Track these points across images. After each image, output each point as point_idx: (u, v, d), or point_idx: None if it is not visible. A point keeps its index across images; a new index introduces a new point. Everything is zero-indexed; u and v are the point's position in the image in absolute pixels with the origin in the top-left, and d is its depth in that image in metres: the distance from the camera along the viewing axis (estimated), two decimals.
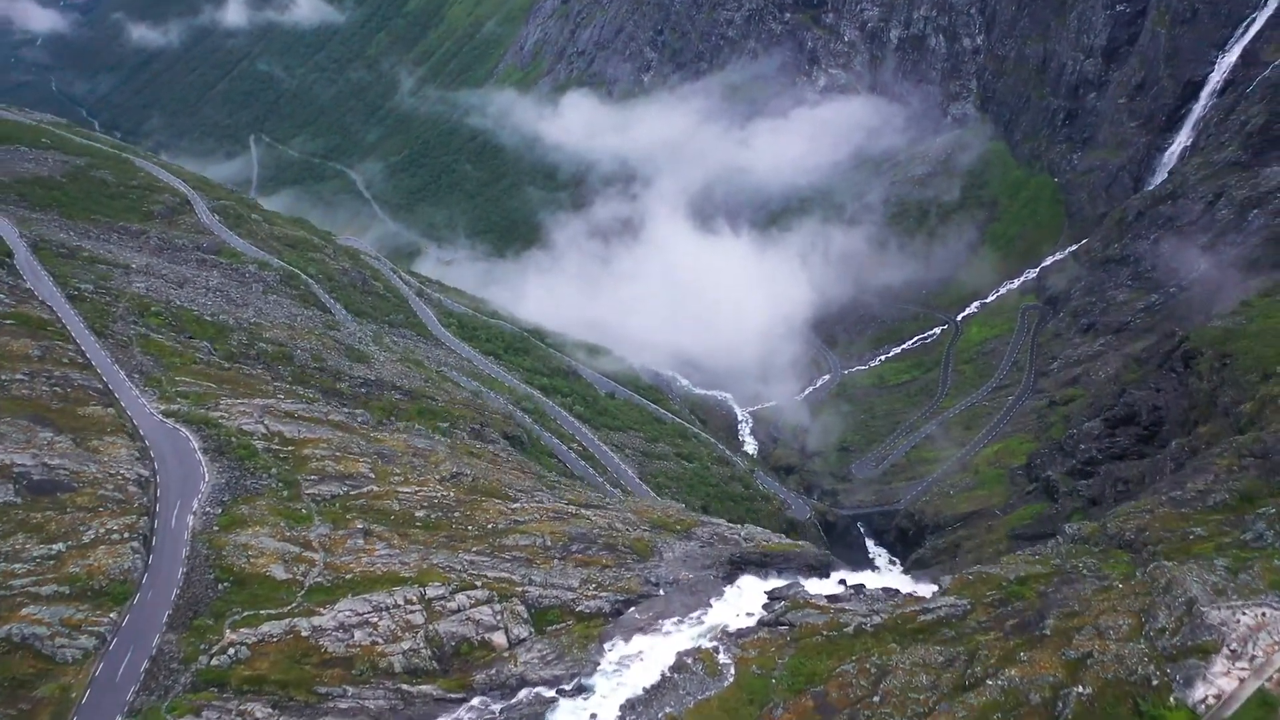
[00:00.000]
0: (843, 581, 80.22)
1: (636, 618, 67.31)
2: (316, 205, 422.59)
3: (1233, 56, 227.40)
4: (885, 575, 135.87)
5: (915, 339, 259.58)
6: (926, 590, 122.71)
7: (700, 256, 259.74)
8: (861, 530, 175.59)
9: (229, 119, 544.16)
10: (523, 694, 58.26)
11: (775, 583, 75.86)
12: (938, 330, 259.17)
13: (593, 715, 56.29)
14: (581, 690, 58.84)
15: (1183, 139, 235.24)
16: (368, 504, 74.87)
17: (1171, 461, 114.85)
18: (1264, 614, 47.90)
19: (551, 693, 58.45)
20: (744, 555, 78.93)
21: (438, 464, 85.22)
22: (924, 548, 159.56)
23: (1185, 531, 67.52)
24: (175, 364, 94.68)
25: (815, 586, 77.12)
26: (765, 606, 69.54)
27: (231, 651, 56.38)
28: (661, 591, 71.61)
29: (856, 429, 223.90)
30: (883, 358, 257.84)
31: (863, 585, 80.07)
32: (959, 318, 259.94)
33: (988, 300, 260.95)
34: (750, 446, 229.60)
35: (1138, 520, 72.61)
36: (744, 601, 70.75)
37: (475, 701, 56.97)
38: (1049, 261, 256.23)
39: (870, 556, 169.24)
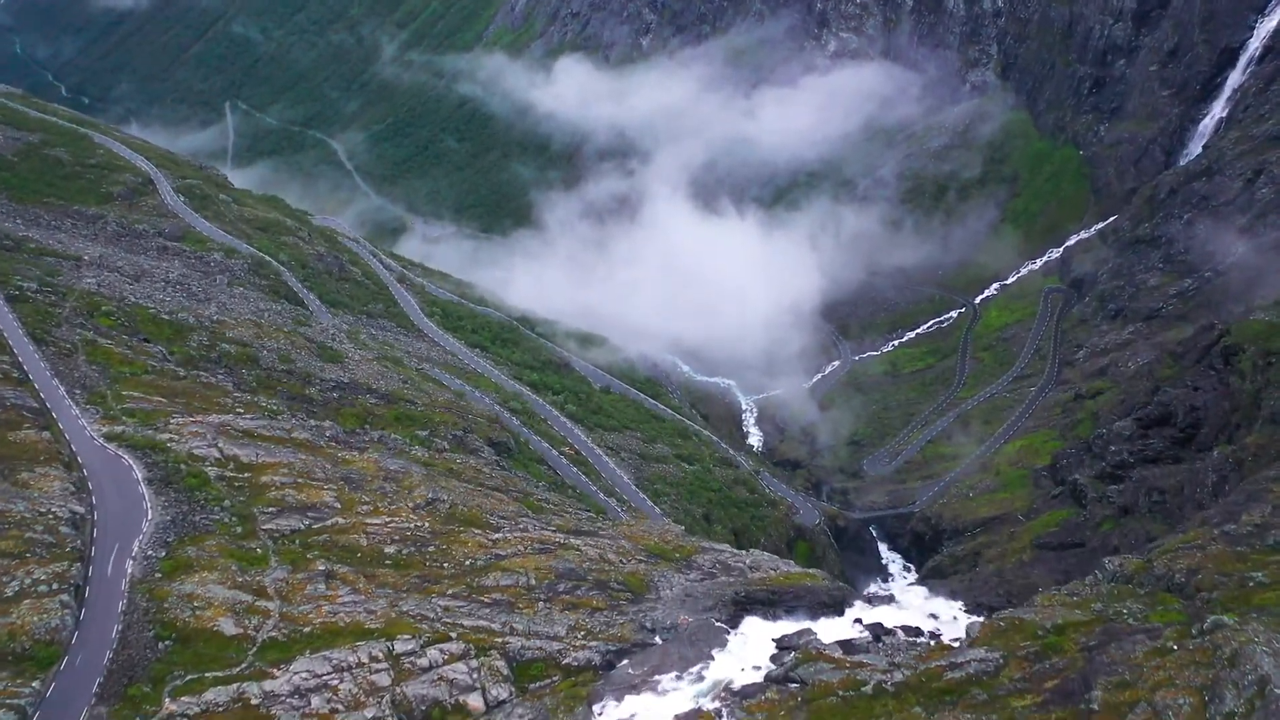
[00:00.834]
0: (858, 621, 75.99)
1: (630, 673, 62.87)
2: (295, 177, 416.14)
3: (1273, 21, 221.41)
4: (902, 591, 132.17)
5: (930, 323, 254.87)
6: (946, 609, 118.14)
7: (702, 239, 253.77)
8: (874, 534, 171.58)
9: (203, 84, 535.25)
10: None
11: (785, 626, 71.55)
12: (954, 313, 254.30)
13: None
14: None
15: (1218, 110, 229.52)
16: (331, 539, 70.31)
17: (1214, 473, 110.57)
18: None
19: None
20: (749, 593, 74.54)
21: (411, 489, 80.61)
22: (941, 554, 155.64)
23: (1243, 576, 63.00)
24: (123, 375, 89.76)
25: (828, 628, 72.80)
26: (773, 658, 65.09)
27: None
28: (658, 639, 67.22)
29: (868, 421, 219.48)
30: (895, 343, 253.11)
31: (881, 625, 75.85)
32: (977, 300, 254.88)
33: (1008, 282, 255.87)
34: (755, 438, 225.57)
35: (1188, 559, 68.14)
36: (750, 652, 66.31)
37: None
38: (1073, 241, 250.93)
39: (883, 563, 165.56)
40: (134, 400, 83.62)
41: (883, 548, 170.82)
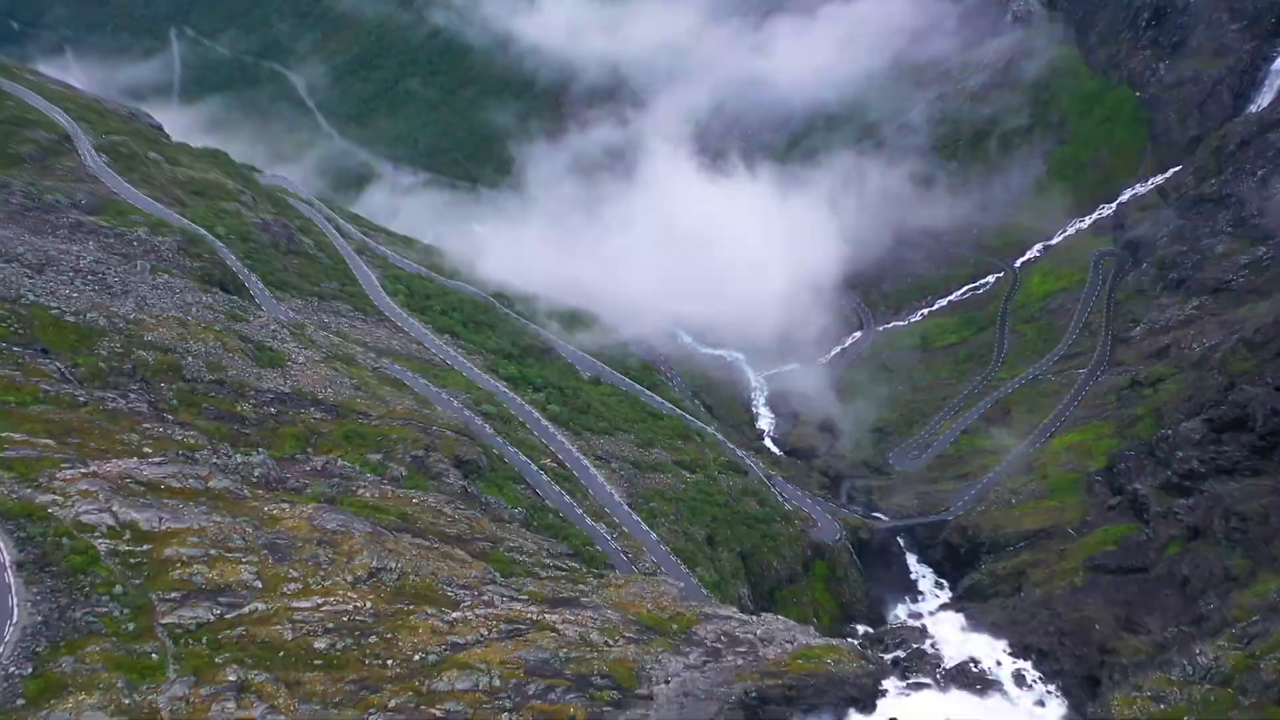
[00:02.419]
0: None
1: None
2: (249, 116, 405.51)
3: None
4: (935, 620, 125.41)
5: (965, 289, 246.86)
6: (988, 650, 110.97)
7: (708, 201, 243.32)
8: (901, 544, 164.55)
9: (146, 8, 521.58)
10: None
11: None
12: (991, 278, 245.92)
13: None
14: None
15: None
16: (248, 634, 62.10)
17: None
18: None
19: None
20: (762, 692, 66.84)
21: (351, 555, 72.36)
22: (979, 571, 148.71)
23: None
24: (7, 407, 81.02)
25: None
26: None
27: None
28: None
29: (894, 404, 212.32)
30: (925, 312, 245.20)
31: None
32: (1017, 264, 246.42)
33: (1053, 242, 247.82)
34: (765, 422, 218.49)
35: None
36: None
37: None
38: (1128, 197, 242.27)
39: (912, 578, 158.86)
40: (14, 445, 74.76)
41: (911, 559, 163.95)
